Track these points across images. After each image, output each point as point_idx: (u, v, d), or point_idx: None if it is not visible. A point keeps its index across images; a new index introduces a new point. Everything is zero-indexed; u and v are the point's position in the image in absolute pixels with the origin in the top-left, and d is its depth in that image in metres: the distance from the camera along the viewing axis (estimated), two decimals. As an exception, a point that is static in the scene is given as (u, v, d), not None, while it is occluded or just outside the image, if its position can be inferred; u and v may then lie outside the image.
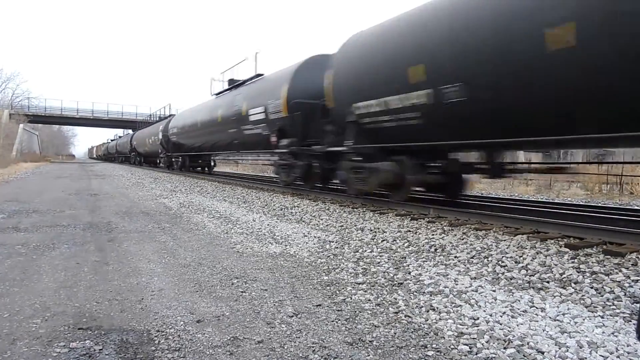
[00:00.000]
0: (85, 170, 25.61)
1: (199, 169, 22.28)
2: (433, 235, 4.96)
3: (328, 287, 3.31)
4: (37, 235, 5.13)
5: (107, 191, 11.53)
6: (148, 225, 6.05)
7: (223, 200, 9.27)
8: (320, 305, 2.91)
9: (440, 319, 2.67)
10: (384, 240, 4.84)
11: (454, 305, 2.89)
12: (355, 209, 7.17)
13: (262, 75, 13.21)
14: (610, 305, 2.80)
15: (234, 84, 14.94)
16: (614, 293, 2.96)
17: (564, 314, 2.68)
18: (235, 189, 11.73)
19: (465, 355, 2.21)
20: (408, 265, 3.85)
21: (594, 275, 3.29)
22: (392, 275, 3.59)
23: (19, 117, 44.87)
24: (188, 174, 19.82)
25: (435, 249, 4.35)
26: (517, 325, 2.53)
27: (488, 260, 3.86)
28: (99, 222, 6.28)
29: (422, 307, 2.87)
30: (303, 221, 6.40)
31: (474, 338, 2.37)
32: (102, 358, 2.11)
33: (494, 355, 2.19)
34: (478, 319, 2.64)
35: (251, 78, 13.70)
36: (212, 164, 22.89)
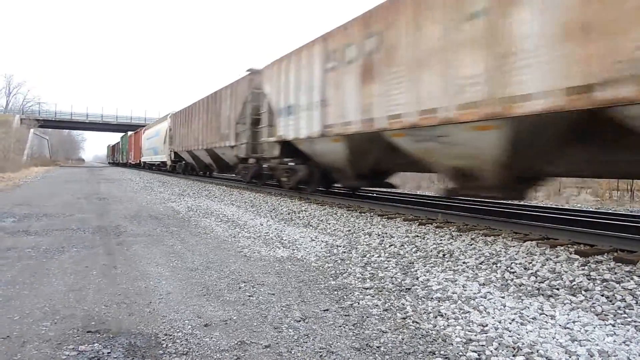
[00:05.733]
0: (94, 175, 25.84)
1: (201, 172, 22.52)
2: (441, 240, 4.94)
3: (335, 292, 3.30)
4: (47, 239, 5.18)
5: (115, 195, 11.62)
6: (156, 229, 6.08)
7: (231, 204, 9.30)
8: (327, 310, 2.91)
9: (448, 325, 2.65)
10: (391, 245, 4.83)
11: (462, 311, 2.86)
12: (362, 214, 7.16)
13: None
14: (621, 314, 2.76)
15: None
16: (626, 301, 2.92)
17: (574, 322, 2.64)
18: (242, 193, 11.77)
19: (474, 363, 2.19)
20: (416, 271, 3.83)
21: (604, 283, 3.25)
22: (399, 280, 3.57)
23: (29, 122, 45.51)
24: (195, 178, 20.09)
25: (444, 255, 4.33)
26: (527, 333, 2.50)
27: (497, 267, 3.83)
28: (107, 225, 6.33)
29: (430, 313, 2.85)
30: (310, 225, 6.40)
31: (482, 345, 2.35)
32: (111, 361, 2.12)
33: (503, 363, 2.16)
34: (487, 325, 2.61)
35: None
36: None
